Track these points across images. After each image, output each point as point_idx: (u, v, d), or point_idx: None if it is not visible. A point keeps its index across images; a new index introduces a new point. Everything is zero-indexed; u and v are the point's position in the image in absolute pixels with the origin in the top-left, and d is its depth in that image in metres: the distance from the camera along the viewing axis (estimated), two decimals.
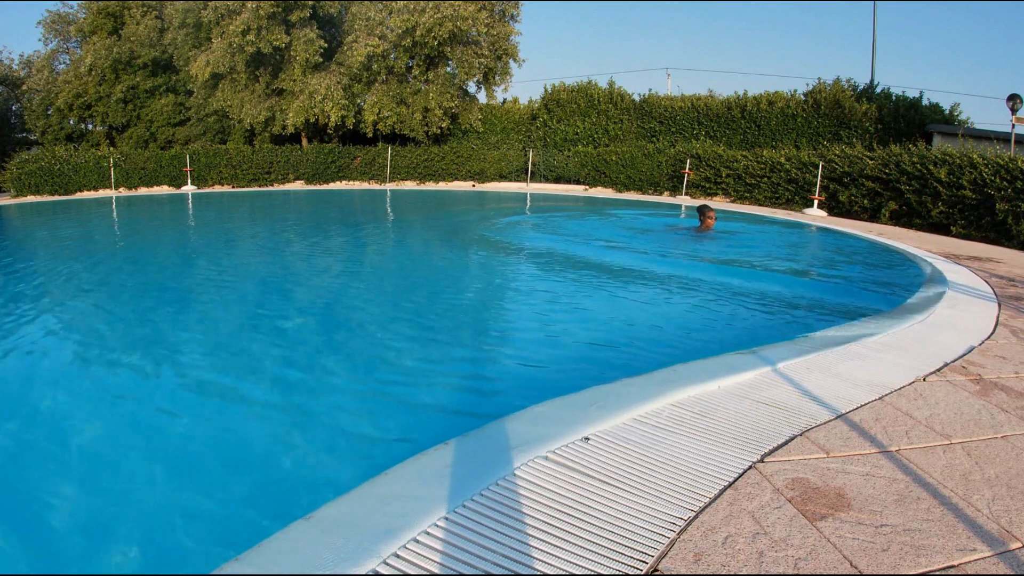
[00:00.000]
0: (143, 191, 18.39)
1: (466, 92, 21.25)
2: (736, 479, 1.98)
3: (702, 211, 9.22)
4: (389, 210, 14.33)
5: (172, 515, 2.22)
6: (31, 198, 16.72)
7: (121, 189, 18.25)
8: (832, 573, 1.54)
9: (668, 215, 12.97)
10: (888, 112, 15.39)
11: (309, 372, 3.69)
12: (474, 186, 20.64)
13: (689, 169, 16.64)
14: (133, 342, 4.27)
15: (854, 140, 15.44)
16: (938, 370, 3.12)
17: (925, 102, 15.29)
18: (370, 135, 20.28)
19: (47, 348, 4.01)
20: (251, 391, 3.37)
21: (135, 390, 3.37)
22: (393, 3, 18.54)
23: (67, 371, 3.66)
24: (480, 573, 1.50)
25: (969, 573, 1.55)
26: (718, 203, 15.52)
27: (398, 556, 1.55)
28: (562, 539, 1.65)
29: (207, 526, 2.19)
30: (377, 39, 18.25)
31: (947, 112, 15.09)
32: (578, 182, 19.85)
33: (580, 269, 6.97)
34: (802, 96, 17.07)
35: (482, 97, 21.64)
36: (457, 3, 17.57)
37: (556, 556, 1.58)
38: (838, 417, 2.49)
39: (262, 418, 3.04)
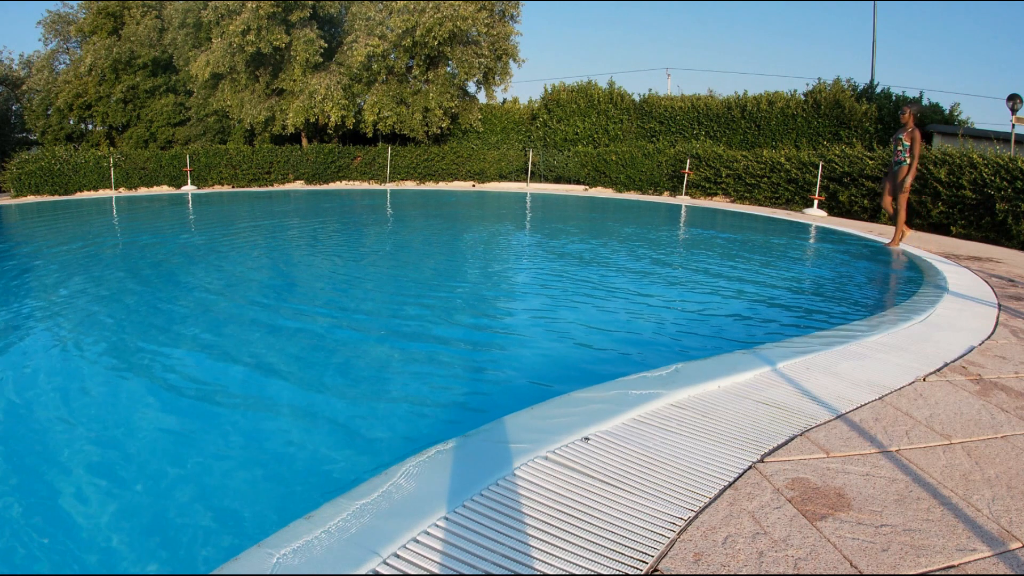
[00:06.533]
0: (143, 191, 18.40)
1: (466, 92, 21.27)
2: (736, 479, 1.98)
3: None
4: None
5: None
6: (31, 198, 16.73)
7: (121, 189, 18.26)
8: (832, 573, 1.54)
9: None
10: (888, 112, 15.40)
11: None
12: (474, 186, 20.65)
13: (689, 169, 16.65)
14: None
15: (854, 140, 15.45)
16: (938, 370, 3.12)
17: (925, 102, 15.30)
18: (370, 135, 20.30)
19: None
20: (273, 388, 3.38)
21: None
22: (393, 3, 18.56)
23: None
24: (480, 573, 1.50)
25: (969, 573, 1.55)
26: (718, 203, 15.53)
27: (398, 556, 1.55)
28: (562, 539, 1.65)
29: None
30: (377, 39, 18.26)
31: (947, 112, 15.10)
32: (578, 182, 19.86)
33: None
34: (802, 96, 17.08)
35: (482, 97, 21.69)
36: (457, 3, 17.59)
37: (556, 556, 1.58)
38: (838, 417, 2.49)
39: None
